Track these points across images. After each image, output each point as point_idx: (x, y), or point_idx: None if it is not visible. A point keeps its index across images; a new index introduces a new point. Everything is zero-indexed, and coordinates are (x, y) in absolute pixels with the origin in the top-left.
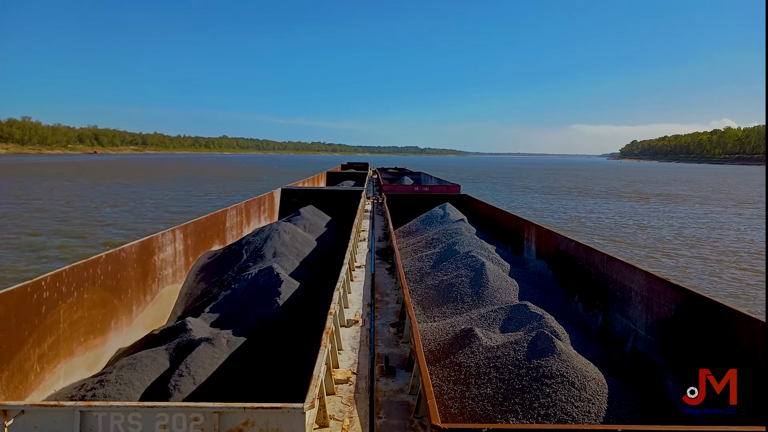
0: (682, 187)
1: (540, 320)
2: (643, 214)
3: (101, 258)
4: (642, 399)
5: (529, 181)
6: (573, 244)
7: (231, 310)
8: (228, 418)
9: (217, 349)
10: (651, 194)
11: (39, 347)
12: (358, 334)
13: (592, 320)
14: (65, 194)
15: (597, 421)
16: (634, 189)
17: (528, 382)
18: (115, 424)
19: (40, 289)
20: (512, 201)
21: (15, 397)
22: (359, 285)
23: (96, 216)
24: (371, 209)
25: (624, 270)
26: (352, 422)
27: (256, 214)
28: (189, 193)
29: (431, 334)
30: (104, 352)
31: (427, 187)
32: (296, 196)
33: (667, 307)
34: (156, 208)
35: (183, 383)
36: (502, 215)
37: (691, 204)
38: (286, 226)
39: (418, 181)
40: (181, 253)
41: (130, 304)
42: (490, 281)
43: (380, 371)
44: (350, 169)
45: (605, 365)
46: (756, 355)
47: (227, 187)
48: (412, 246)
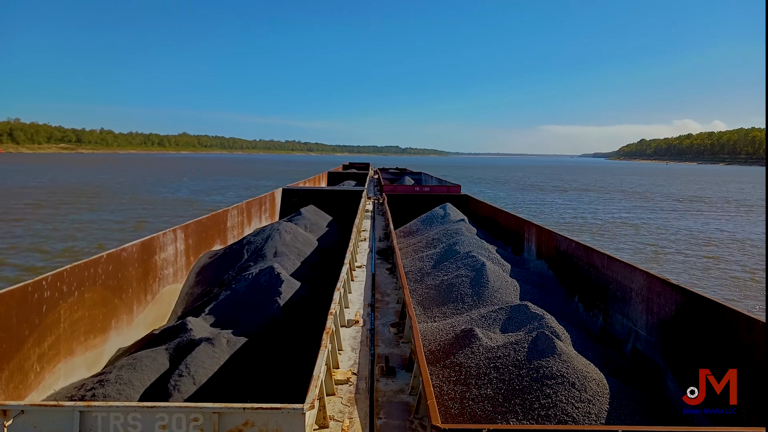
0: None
1: (540, 320)
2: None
3: (102, 257)
4: (642, 399)
5: (564, 182)
6: (573, 245)
7: (231, 310)
8: (228, 418)
9: (217, 349)
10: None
11: (39, 347)
12: (359, 335)
13: (592, 321)
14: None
15: (597, 421)
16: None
17: (528, 383)
18: (114, 424)
19: (41, 289)
20: (585, 212)
21: (15, 397)
22: (360, 285)
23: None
24: (372, 209)
25: (624, 270)
26: (352, 423)
27: (257, 213)
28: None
29: (431, 335)
30: (104, 352)
31: (427, 188)
32: (297, 195)
33: (667, 307)
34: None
35: (183, 383)
36: (502, 215)
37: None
38: (287, 225)
39: (419, 181)
40: (182, 252)
41: (131, 304)
42: (491, 281)
43: (380, 371)
44: (351, 169)
45: (606, 366)
46: (756, 355)
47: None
48: (412, 246)
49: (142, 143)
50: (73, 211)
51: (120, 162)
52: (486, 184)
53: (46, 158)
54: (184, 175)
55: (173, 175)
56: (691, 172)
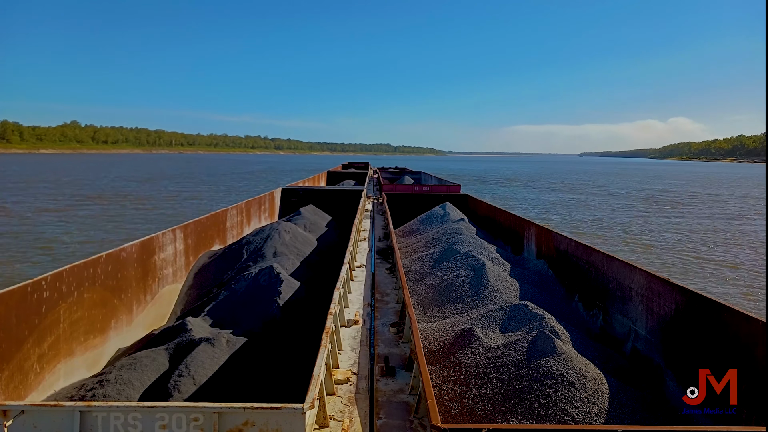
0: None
1: (540, 320)
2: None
3: (102, 258)
4: (642, 399)
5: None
6: (573, 244)
7: (231, 309)
8: (228, 418)
9: (217, 349)
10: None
11: (39, 347)
12: (359, 334)
13: (592, 320)
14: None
15: (597, 421)
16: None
17: (528, 383)
18: (114, 424)
19: (40, 289)
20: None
21: (15, 397)
22: (359, 285)
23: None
24: (371, 209)
25: (624, 270)
26: (352, 422)
27: (256, 213)
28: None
29: (431, 334)
30: (104, 352)
31: (427, 187)
32: (296, 195)
33: (667, 307)
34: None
35: (183, 383)
36: (502, 215)
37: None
38: (287, 225)
39: (419, 180)
40: (181, 252)
41: (131, 304)
42: (491, 281)
43: (380, 371)
44: (350, 168)
45: (605, 365)
46: (756, 355)
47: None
48: (412, 246)
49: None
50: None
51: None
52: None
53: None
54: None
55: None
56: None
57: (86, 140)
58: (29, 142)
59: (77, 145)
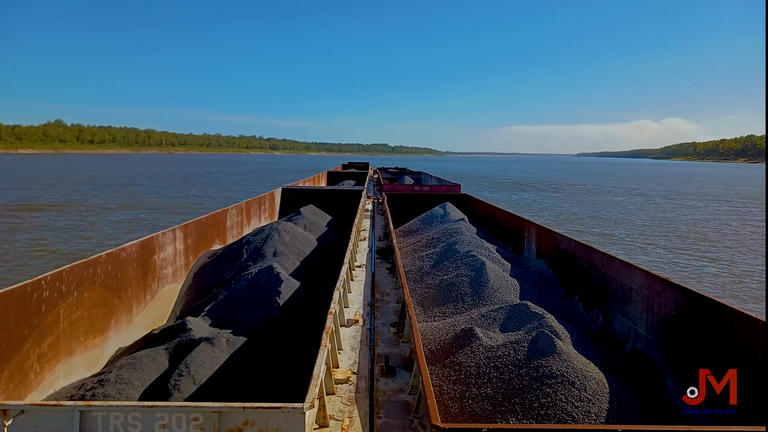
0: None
1: (540, 320)
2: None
3: (101, 257)
4: (642, 399)
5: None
6: (573, 244)
7: (231, 309)
8: (228, 418)
9: (217, 348)
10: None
11: (39, 347)
12: (358, 334)
13: (592, 320)
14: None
15: (597, 421)
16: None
17: (528, 382)
18: (114, 423)
19: (40, 289)
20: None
21: (14, 397)
22: (359, 284)
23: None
24: (372, 209)
25: (624, 269)
26: (352, 422)
27: (256, 213)
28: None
29: (431, 334)
30: (104, 352)
31: (427, 187)
32: (297, 195)
33: (667, 306)
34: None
35: (183, 383)
36: (502, 214)
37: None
38: (287, 225)
39: (419, 180)
40: (181, 252)
41: (130, 304)
42: (491, 281)
43: (380, 371)
44: (351, 168)
45: (605, 365)
46: (756, 355)
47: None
48: (412, 245)
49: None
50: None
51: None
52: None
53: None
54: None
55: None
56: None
57: (70, 140)
58: (7, 141)
59: (60, 145)
